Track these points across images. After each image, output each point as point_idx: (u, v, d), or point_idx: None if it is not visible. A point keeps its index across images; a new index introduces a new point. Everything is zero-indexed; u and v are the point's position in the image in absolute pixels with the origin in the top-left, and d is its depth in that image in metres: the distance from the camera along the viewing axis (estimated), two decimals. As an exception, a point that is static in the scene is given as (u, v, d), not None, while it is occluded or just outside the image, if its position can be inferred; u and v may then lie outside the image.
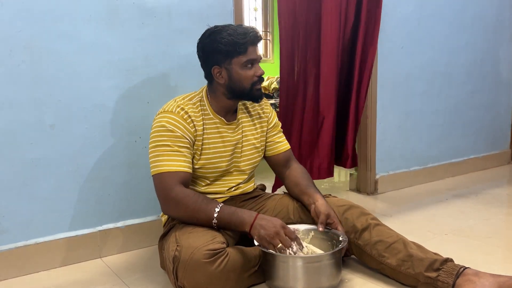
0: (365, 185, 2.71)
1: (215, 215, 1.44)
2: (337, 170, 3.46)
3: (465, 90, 3.14)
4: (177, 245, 1.39)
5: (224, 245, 1.40)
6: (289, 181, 1.73)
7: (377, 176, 2.71)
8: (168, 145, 1.49)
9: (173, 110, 1.53)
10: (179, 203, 1.46)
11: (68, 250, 1.76)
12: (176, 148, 1.49)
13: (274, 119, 1.78)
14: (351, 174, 2.82)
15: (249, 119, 1.71)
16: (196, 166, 1.58)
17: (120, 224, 1.88)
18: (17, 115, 1.63)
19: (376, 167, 2.70)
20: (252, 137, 1.70)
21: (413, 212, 2.33)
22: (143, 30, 1.85)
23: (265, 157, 1.79)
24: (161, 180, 1.48)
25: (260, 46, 1.59)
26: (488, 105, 3.32)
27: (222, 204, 1.47)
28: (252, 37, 1.53)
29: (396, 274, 1.49)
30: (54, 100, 1.69)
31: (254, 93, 1.59)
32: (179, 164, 1.49)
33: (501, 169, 3.34)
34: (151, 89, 1.90)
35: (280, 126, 1.81)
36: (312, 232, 1.56)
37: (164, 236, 1.56)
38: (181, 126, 1.51)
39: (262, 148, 1.74)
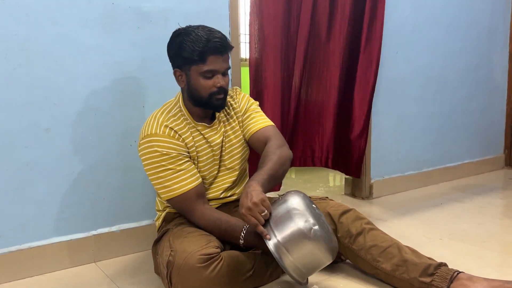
0: (360, 189, 2.71)
1: (241, 241, 1.46)
2: (332, 174, 3.47)
3: (459, 95, 3.16)
4: (171, 250, 1.39)
5: (219, 250, 1.40)
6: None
7: (372, 181, 2.71)
8: (170, 169, 1.48)
9: (158, 131, 1.49)
10: (203, 225, 1.51)
11: (62, 254, 1.75)
12: (178, 169, 1.49)
13: (246, 103, 1.69)
14: (346, 179, 2.82)
15: (226, 113, 1.68)
16: None
17: (115, 228, 1.87)
18: (12, 118, 1.63)
19: (371, 171, 2.70)
20: (232, 131, 1.67)
21: (408, 217, 2.33)
22: (139, 34, 1.85)
23: (248, 144, 1.71)
24: (178, 204, 1.53)
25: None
26: (482, 110, 3.34)
27: (243, 235, 1.46)
28: (212, 47, 1.45)
29: (390, 279, 1.49)
30: (50, 103, 1.69)
31: (213, 103, 1.53)
32: (188, 181, 1.50)
33: (496, 174, 3.36)
34: (147, 92, 1.90)
35: (254, 106, 1.70)
36: None
37: (158, 241, 1.56)
38: (173, 146, 1.50)
39: (244, 139, 1.69)
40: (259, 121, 1.66)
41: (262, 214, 1.30)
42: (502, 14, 3.35)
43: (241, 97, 1.72)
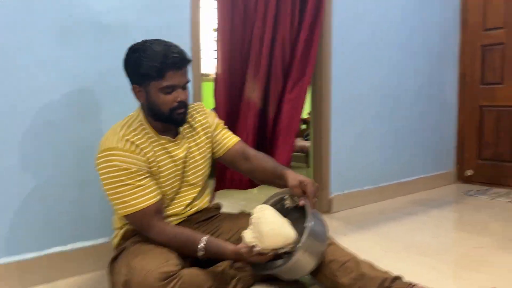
0: (319, 204, 2.74)
1: (200, 254, 1.46)
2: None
3: (413, 112, 3.28)
4: (129, 269, 1.35)
5: (178, 268, 1.38)
6: (255, 172, 1.69)
7: (332, 195, 2.76)
8: (128, 184, 1.44)
9: (119, 145, 1.45)
10: (161, 241, 1.48)
11: (13, 275, 1.67)
12: (137, 184, 1.45)
13: (214, 120, 1.73)
14: (306, 193, 2.84)
15: (191, 129, 1.67)
16: None
17: (68, 247, 1.80)
18: (-41, 133, 1.55)
19: (330, 186, 2.75)
20: (196, 147, 1.66)
21: (366, 230, 2.38)
22: (98, 46, 1.82)
23: (221, 159, 1.74)
24: (136, 220, 1.48)
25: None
26: (434, 127, 3.48)
27: (203, 245, 1.45)
28: (170, 63, 1.44)
29: (349, 293, 1.50)
30: (3, 116, 1.62)
31: (174, 118, 1.52)
32: (146, 198, 1.46)
33: (449, 188, 3.49)
34: (105, 106, 1.86)
35: (222, 123, 1.76)
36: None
37: (114, 259, 1.51)
38: (133, 160, 1.46)
39: (209, 156, 1.71)
40: (230, 136, 1.75)
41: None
42: (452, 35, 3.52)
43: (208, 112, 1.74)
